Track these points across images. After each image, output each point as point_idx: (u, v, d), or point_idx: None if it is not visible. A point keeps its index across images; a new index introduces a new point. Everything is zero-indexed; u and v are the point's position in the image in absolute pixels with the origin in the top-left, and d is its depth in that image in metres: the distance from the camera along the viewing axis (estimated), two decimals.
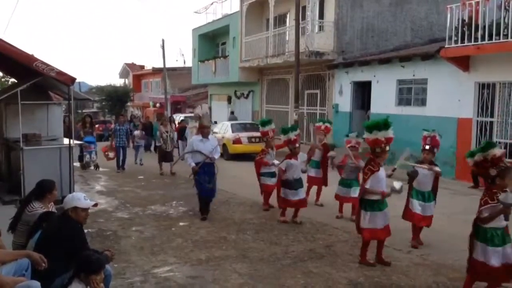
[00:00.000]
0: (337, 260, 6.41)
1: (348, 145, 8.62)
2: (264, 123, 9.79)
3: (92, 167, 15.27)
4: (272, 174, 9.38)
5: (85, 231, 5.23)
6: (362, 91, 17.63)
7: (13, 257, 4.17)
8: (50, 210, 5.14)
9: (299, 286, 5.51)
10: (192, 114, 20.02)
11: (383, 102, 15.83)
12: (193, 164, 8.49)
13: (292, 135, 8.42)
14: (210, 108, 30.39)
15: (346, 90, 17.79)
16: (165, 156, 14.40)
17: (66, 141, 10.02)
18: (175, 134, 16.49)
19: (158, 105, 40.93)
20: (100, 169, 15.41)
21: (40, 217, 4.84)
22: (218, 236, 7.52)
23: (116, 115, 47.04)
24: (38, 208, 4.98)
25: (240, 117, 23.98)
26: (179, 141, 17.58)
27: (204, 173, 8.58)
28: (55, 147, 9.53)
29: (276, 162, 9.09)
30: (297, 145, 8.40)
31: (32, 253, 4.16)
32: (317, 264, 6.24)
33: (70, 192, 7.17)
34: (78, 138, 14.37)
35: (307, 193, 9.47)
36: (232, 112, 25.16)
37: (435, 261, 6.33)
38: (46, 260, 4.07)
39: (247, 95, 25.28)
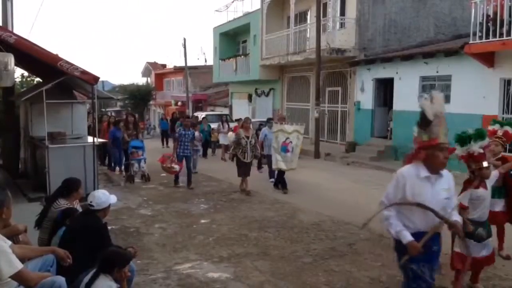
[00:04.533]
0: (359, 259, 6.36)
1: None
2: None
3: (139, 178, 12.60)
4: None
5: (109, 228, 5.31)
6: (385, 88, 17.47)
7: (38, 253, 4.25)
8: (75, 207, 5.23)
9: (321, 284, 5.49)
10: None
11: (406, 99, 15.62)
12: (408, 238, 3.78)
13: (475, 147, 5.04)
14: (231, 106, 30.39)
15: (368, 87, 17.64)
16: (244, 169, 11.06)
17: (90, 139, 10.18)
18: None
19: (179, 103, 41.20)
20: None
21: (62, 213, 4.93)
22: (239, 234, 7.53)
23: (140, 113, 47.51)
24: (63, 205, 5.07)
25: (261, 115, 23.99)
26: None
27: (428, 256, 3.88)
28: (80, 145, 9.71)
29: None
30: (484, 164, 5.01)
31: (57, 249, 4.23)
32: (339, 263, 6.21)
33: (94, 190, 7.28)
34: (122, 141, 12.89)
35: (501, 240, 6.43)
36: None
37: None
38: (71, 256, 4.14)
39: (268, 93, 25.28)
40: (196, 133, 14.22)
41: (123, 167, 13.64)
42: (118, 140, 13.17)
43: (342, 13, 19.10)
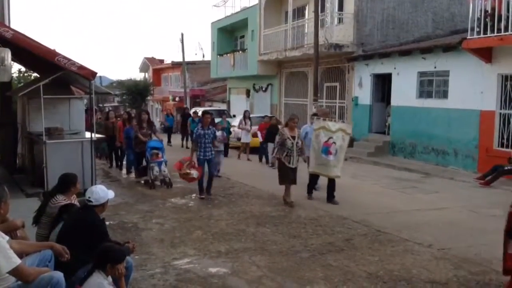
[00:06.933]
0: (357, 254, 6.38)
1: None
2: None
3: (159, 184, 11.20)
4: None
5: (107, 223, 5.31)
6: (383, 84, 17.47)
7: (36, 248, 4.25)
8: (73, 202, 5.22)
9: (318, 279, 5.50)
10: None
11: (404, 94, 15.65)
12: None
13: None
14: (228, 101, 30.42)
15: (366, 82, 17.64)
16: (291, 175, 9.22)
17: (88, 134, 10.18)
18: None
19: (177, 99, 41.19)
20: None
21: (60, 209, 4.93)
22: (237, 229, 7.55)
23: (137, 109, 47.45)
24: (61, 201, 5.06)
25: (258, 110, 24.00)
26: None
27: None
28: (77, 141, 9.72)
29: None
30: None
31: (55, 244, 4.23)
32: (336, 257, 6.22)
33: (92, 185, 7.28)
34: (135, 142, 11.68)
35: None
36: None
37: (456, 255, 6.26)
38: (69, 252, 4.14)
39: (266, 88, 25.26)
40: (219, 133, 11.79)
41: (134, 170, 12.48)
42: (131, 140, 12.02)
43: (340, 8, 19.07)
